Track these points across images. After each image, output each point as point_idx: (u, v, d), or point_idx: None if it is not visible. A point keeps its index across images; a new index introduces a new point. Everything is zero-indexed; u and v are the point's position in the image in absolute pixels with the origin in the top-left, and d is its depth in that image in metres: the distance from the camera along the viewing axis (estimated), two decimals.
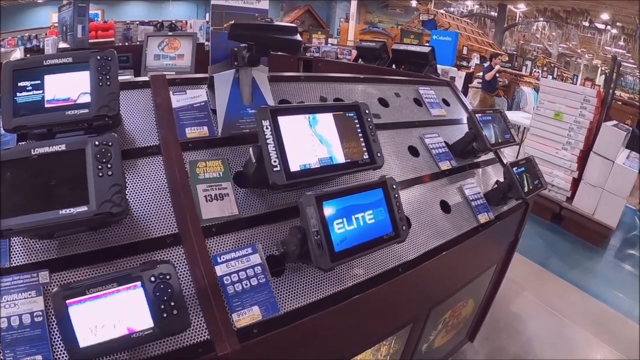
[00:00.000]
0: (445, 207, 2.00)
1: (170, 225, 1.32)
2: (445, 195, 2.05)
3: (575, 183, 5.35)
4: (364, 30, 18.42)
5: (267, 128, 1.27)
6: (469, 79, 11.12)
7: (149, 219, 1.31)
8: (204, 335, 1.18)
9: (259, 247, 1.35)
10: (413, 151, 2.09)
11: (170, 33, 4.28)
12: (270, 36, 1.40)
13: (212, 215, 1.36)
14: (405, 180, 1.93)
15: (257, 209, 1.45)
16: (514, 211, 2.38)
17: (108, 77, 1.29)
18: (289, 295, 1.34)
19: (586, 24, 19.90)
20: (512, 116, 6.47)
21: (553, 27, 21.13)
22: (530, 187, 2.22)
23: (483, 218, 2.10)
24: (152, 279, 1.04)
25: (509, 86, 9.65)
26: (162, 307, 1.03)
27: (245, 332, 1.21)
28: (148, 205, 1.33)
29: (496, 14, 22.08)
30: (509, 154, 6.03)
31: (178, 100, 1.57)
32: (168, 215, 1.33)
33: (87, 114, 1.26)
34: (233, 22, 1.40)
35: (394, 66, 3.87)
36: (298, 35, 1.41)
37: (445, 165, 2.14)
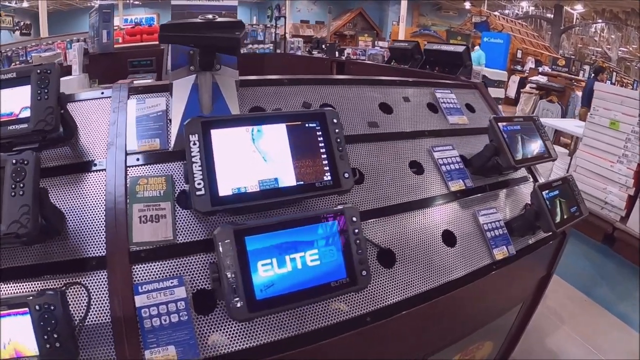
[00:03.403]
0: (449, 238, 1.64)
1: (100, 247, 1.21)
2: (451, 223, 1.69)
3: (631, 201, 4.76)
4: (415, 32, 17.95)
5: (194, 144, 1.10)
6: (522, 83, 10.54)
7: (81, 238, 1.22)
8: None
9: (186, 280, 1.17)
10: (416, 167, 1.74)
11: None
12: (202, 35, 1.24)
13: (143, 239, 1.21)
14: (398, 205, 1.60)
15: (196, 234, 1.25)
16: (546, 242, 1.96)
17: (46, 90, 1.26)
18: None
19: None
20: (564, 124, 5.87)
21: (612, 30, 19.82)
22: (565, 216, 1.80)
23: (500, 253, 1.70)
24: (38, 307, 0.98)
25: (563, 91, 8.96)
26: (46, 337, 0.97)
27: None
28: (83, 223, 1.24)
29: (552, 16, 21.07)
30: (558, 167, 5.53)
31: (133, 110, 1.47)
32: (99, 235, 1.22)
33: (27, 128, 1.24)
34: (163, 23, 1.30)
35: (428, 68, 3.55)
36: (238, 31, 1.23)
37: (456, 186, 1.77)
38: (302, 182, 1.16)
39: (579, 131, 5.54)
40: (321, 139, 1.22)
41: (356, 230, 1.12)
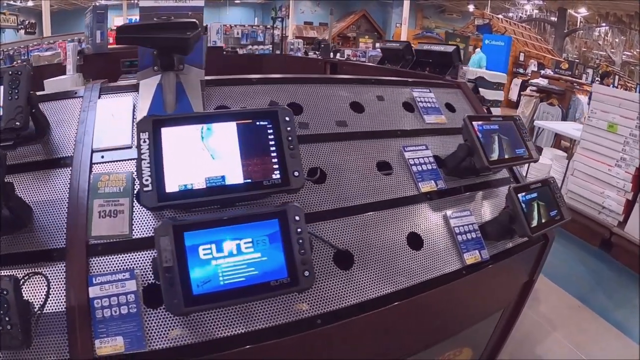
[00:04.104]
0: (415, 241, 1.59)
1: (61, 240, 1.26)
2: (419, 225, 1.64)
3: (629, 205, 4.66)
4: (418, 35, 17.93)
5: (144, 141, 1.13)
6: (524, 86, 10.48)
7: (46, 231, 1.28)
8: (65, 356, 1.12)
9: (138, 273, 1.21)
10: (384, 167, 1.69)
11: None
12: (153, 36, 1.30)
13: (101, 233, 1.26)
14: (360, 206, 1.57)
15: (150, 230, 1.29)
16: (526, 247, 1.90)
17: (17, 91, 1.33)
18: (162, 331, 1.16)
19: None
20: (562, 127, 5.81)
21: (616, 33, 19.69)
22: (543, 220, 1.73)
23: (471, 258, 1.65)
24: None
25: (564, 94, 8.86)
26: None
27: None
28: (48, 217, 1.30)
29: (556, 19, 20.98)
30: (556, 170, 5.44)
31: (102, 109, 1.51)
32: (62, 228, 1.28)
33: None
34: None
35: (418, 68, 3.52)
36: (190, 32, 1.28)
37: (427, 187, 1.73)
38: (249, 180, 1.17)
39: (577, 134, 5.48)
40: (272, 137, 1.23)
41: (299, 230, 1.11)
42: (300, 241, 1.10)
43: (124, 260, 1.23)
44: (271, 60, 6.17)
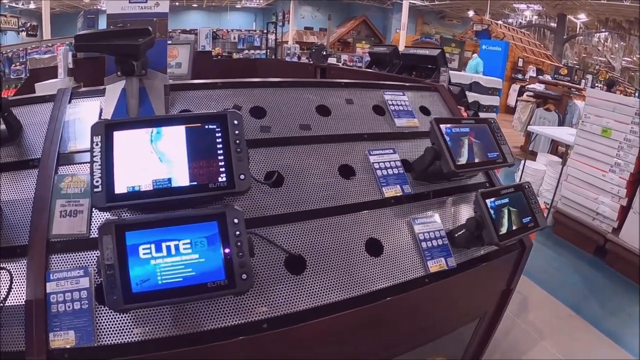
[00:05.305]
0: (375, 247, 1.58)
1: (25, 237, 1.32)
2: (379, 231, 1.62)
3: (624, 211, 4.59)
4: (416, 40, 17.98)
5: (97, 145, 1.19)
6: (522, 92, 10.47)
7: (12, 228, 1.34)
8: (21, 347, 1.18)
9: (91, 271, 1.26)
10: (346, 171, 1.67)
11: (169, 42, 4.29)
12: (105, 43, 1.36)
13: (61, 232, 1.32)
14: (317, 210, 1.57)
15: None
16: (501, 254, 1.86)
17: None
18: (111, 327, 1.21)
19: None
20: (556, 132, 5.77)
21: (615, 39, 19.68)
22: (514, 228, 1.68)
23: (436, 266, 1.61)
24: None
25: (561, 99, 8.82)
26: None
27: (57, 354, 1.17)
28: (14, 215, 1.36)
29: (555, 25, 21.01)
30: (550, 176, 5.38)
31: (71, 113, 1.57)
32: (27, 226, 1.34)
33: None
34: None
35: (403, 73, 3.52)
36: (142, 38, 1.34)
37: (392, 191, 1.70)
38: (195, 183, 1.21)
39: (571, 139, 5.43)
40: (220, 140, 1.26)
41: (237, 233, 1.14)
42: (239, 244, 1.13)
43: (80, 258, 1.28)
44: (265, 64, 6.26)
